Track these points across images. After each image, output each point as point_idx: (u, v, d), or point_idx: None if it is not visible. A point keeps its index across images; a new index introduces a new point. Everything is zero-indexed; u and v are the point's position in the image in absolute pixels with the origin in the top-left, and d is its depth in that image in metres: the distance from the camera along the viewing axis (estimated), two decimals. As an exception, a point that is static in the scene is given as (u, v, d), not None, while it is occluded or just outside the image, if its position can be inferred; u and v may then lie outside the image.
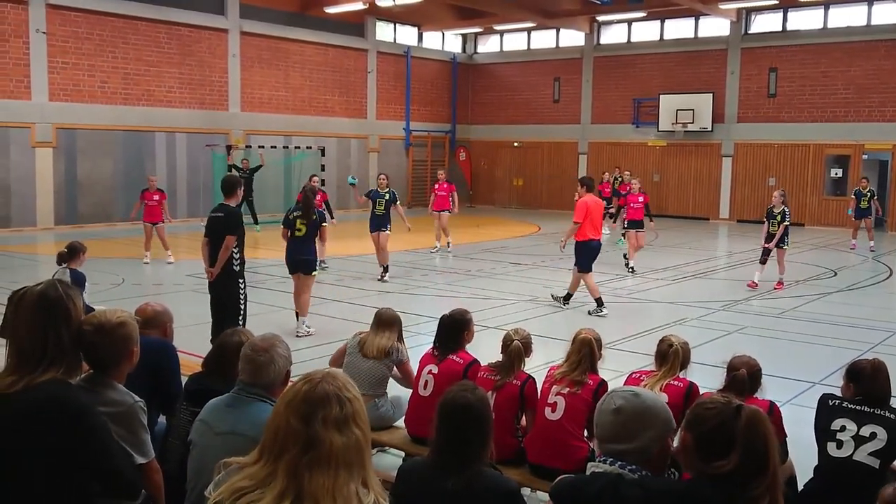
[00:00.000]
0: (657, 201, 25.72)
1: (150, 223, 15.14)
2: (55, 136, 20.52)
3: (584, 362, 4.69)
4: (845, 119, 23.93)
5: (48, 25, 20.14)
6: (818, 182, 24.66)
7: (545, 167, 30.08)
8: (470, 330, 5.43)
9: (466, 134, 31.92)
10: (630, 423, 2.51)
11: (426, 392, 5.16)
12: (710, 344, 9.22)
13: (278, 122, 25.22)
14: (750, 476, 2.35)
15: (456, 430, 3.03)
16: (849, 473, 3.95)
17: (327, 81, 26.88)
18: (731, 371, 4.34)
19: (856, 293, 13.25)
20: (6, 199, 19.82)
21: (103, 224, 21.21)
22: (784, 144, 25.06)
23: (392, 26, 29.21)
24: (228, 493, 1.92)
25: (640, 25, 27.67)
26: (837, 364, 4.47)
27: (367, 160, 28.21)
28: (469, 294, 12.30)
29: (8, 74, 19.66)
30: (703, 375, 4.93)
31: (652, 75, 27.44)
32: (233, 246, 7.96)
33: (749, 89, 25.69)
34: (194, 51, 23.17)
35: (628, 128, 27.94)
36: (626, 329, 10.06)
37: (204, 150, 23.01)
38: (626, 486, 2.44)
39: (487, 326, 9.29)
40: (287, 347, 3.37)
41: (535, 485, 4.67)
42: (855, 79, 23.77)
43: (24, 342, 2.82)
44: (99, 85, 21.26)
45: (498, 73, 31.46)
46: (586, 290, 11.30)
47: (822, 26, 24.53)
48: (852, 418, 4.03)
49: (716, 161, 26.26)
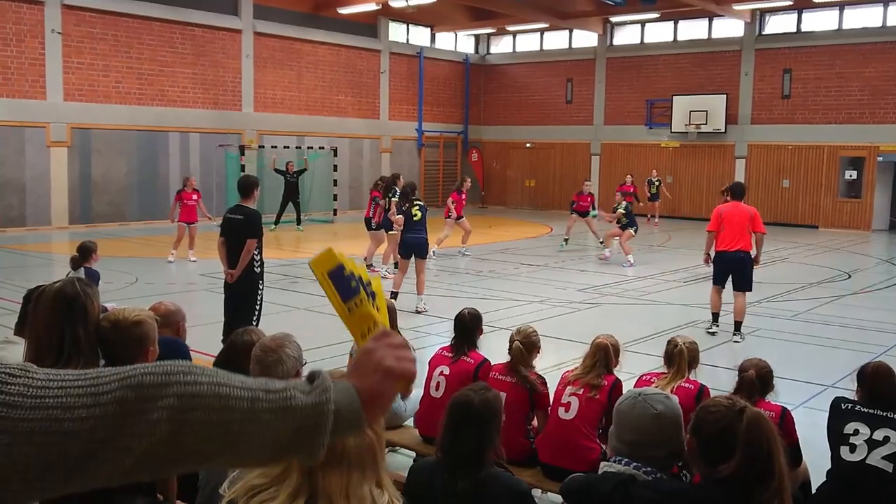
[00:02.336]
0: (670, 203, 25.66)
1: (187, 223, 15.07)
2: (70, 136, 20.66)
3: (598, 366, 4.67)
4: (860, 121, 23.78)
5: (63, 26, 20.28)
6: (832, 184, 24.51)
7: (558, 168, 30.03)
8: (481, 328, 5.46)
9: (479, 135, 31.90)
10: (670, 427, 2.51)
11: (438, 393, 5.16)
12: (723, 346, 9.19)
13: (291, 122, 25.28)
14: (755, 479, 2.34)
15: (457, 431, 3.04)
16: (862, 477, 3.93)
17: (340, 82, 26.94)
18: (741, 373, 4.34)
19: (870, 296, 13.17)
20: (21, 199, 19.96)
21: (117, 223, 21.34)
22: (798, 146, 24.92)
23: (405, 27, 29.23)
24: (243, 490, 1.93)
25: (654, 26, 27.59)
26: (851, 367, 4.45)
27: (379, 161, 28.24)
28: (481, 295, 12.30)
29: (24, 74, 19.81)
30: (715, 378, 4.91)
31: (665, 76, 27.36)
32: (254, 249, 7.94)
33: (763, 91, 25.57)
34: (208, 51, 23.27)
35: (641, 129, 27.86)
36: (638, 331, 10.03)
37: (217, 149, 23.10)
38: (637, 488, 2.44)
39: (500, 327, 9.29)
40: (298, 347, 3.37)
41: (545, 486, 4.67)
42: (870, 80, 23.62)
43: (41, 340, 2.85)
44: (113, 85, 21.39)
45: (511, 74, 31.43)
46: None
47: (836, 27, 24.39)
48: (865, 422, 4.01)
49: (729, 163, 26.14)
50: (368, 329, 1.39)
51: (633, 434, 2.57)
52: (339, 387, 1.21)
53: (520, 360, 4.90)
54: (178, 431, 1.06)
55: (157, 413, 1.04)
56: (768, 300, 12.36)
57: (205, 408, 1.07)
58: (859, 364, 4.32)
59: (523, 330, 5.06)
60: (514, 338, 4.98)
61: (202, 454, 1.10)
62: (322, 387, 1.17)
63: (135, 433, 1.03)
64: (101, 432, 1.02)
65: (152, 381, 1.07)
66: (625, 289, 13.27)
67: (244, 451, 1.12)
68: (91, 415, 1.01)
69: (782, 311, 11.56)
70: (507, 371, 4.93)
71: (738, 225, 9.53)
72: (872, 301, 12.69)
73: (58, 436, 0.99)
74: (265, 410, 1.12)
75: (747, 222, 9.54)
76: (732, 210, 9.68)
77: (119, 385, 1.05)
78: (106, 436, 1.02)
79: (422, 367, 5.61)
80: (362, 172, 27.51)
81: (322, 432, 1.16)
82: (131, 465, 1.04)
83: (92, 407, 1.01)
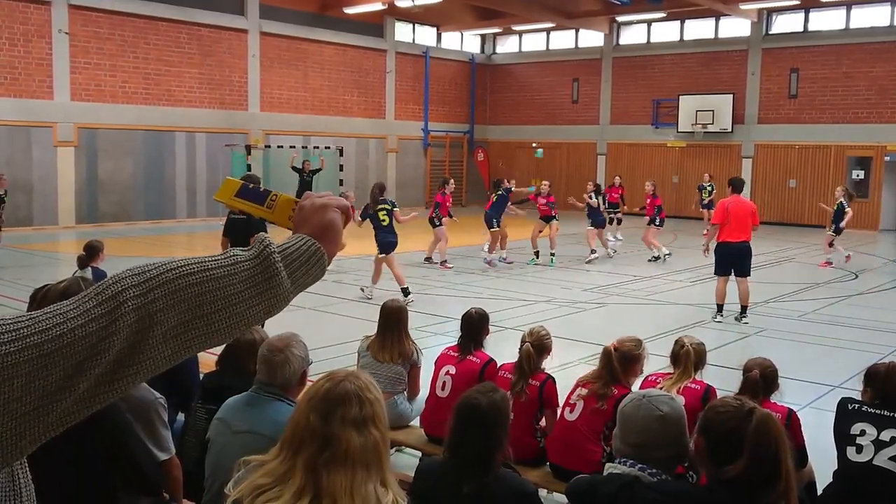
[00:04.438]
0: (676, 203, 25.60)
1: None
2: (77, 136, 20.72)
3: (604, 374, 4.58)
4: (867, 120, 23.70)
5: (70, 26, 20.34)
6: (840, 184, 24.37)
7: (563, 168, 29.98)
8: (487, 328, 5.44)
9: (484, 134, 31.89)
10: (675, 428, 2.51)
11: (444, 393, 5.15)
12: (730, 346, 9.16)
13: (297, 122, 25.31)
14: (762, 480, 2.33)
15: (464, 433, 3.03)
16: (868, 478, 3.91)
17: (346, 82, 26.96)
18: (745, 373, 4.32)
19: (877, 296, 13.12)
20: (28, 198, 20.02)
21: (123, 223, 21.40)
22: (805, 146, 24.85)
23: (411, 27, 29.24)
24: (248, 490, 1.93)
25: (660, 26, 27.54)
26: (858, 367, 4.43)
27: (385, 160, 28.26)
28: (487, 294, 12.30)
29: (31, 74, 19.88)
30: (721, 378, 4.89)
31: (671, 76, 27.31)
32: None
33: (770, 90, 25.50)
34: (214, 51, 23.32)
35: (647, 129, 27.81)
36: (644, 331, 10.00)
37: (223, 149, 23.14)
38: (641, 489, 2.43)
39: (506, 327, 9.29)
40: (304, 347, 3.37)
41: (552, 486, 4.66)
42: (877, 80, 23.53)
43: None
44: (120, 85, 21.45)
45: (516, 74, 31.41)
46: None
47: (844, 27, 24.31)
48: (872, 423, 3.98)
49: (736, 162, 26.06)
50: (293, 210, 1.48)
51: (638, 436, 2.56)
52: (287, 238, 1.32)
53: (526, 363, 4.84)
54: (147, 312, 1.11)
55: (122, 307, 1.10)
56: (775, 300, 12.32)
57: (163, 283, 1.13)
58: (866, 365, 4.30)
59: (535, 332, 5.01)
60: (525, 339, 4.94)
61: (174, 329, 1.14)
62: (259, 239, 1.27)
63: (110, 331, 1.08)
64: (81, 342, 1.06)
65: (107, 282, 1.13)
66: (630, 288, 13.24)
67: (210, 311, 1.18)
68: (63, 331, 1.05)
69: (789, 312, 11.53)
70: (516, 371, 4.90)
71: (742, 218, 10.31)
72: (879, 301, 12.64)
73: (41, 359, 1.02)
74: (216, 268, 1.19)
75: (749, 215, 10.37)
76: (736, 203, 10.42)
77: (79, 300, 1.10)
78: (85, 343, 1.06)
79: (428, 367, 5.61)
80: (368, 172, 27.53)
81: (274, 274, 1.23)
82: (117, 363, 1.09)
83: (62, 324, 1.05)
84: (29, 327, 1.03)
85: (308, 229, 1.35)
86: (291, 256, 1.27)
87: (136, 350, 1.10)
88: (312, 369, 3.47)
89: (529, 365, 4.84)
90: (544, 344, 4.95)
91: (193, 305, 1.15)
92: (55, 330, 1.04)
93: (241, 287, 1.20)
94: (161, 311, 1.12)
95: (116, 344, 1.08)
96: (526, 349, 4.84)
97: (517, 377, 4.84)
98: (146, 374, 1.15)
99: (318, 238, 1.33)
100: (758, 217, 10.65)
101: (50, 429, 1.06)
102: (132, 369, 1.11)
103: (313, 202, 1.40)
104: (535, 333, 4.99)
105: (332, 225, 1.37)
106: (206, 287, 1.16)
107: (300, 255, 1.28)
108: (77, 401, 1.07)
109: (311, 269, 1.31)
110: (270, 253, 1.24)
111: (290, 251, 1.28)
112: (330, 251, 1.34)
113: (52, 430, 1.06)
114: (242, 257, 1.22)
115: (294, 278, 1.27)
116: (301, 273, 1.28)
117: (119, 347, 1.08)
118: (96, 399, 1.09)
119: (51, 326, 1.04)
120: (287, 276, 1.26)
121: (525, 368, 4.83)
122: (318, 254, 1.31)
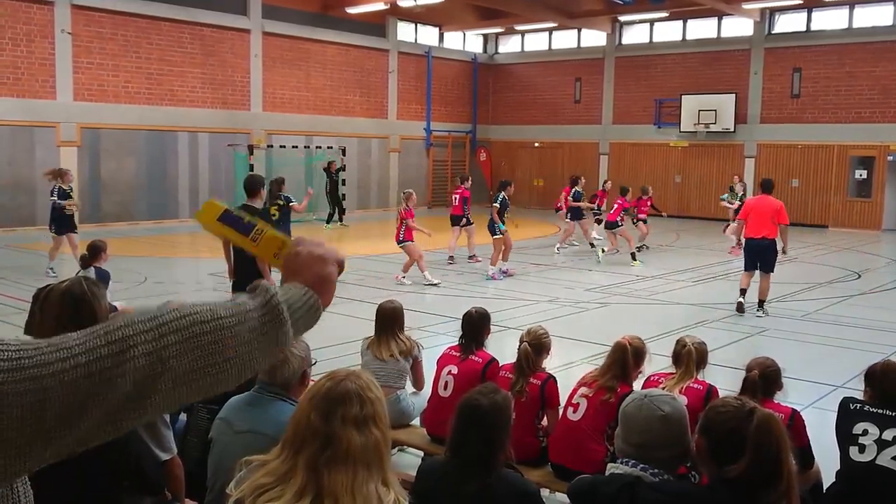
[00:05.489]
0: (679, 202, 25.58)
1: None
2: (80, 136, 20.74)
3: (614, 367, 4.60)
4: (870, 120, 23.66)
5: (73, 26, 20.36)
6: (842, 184, 24.39)
7: (566, 168, 29.94)
8: (488, 328, 5.45)
9: (487, 134, 31.89)
10: (677, 428, 2.50)
11: (446, 392, 5.16)
12: (732, 346, 9.16)
13: (300, 122, 25.32)
14: (763, 480, 2.33)
15: (465, 433, 3.04)
16: (871, 478, 3.91)
17: (348, 81, 26.96)
18: (747, 372, 4.32)
19: (880, 296, 13.10)
20: (31, 198, 20.03)
21: (126, 223, 21.42)
22: (808, 145, 24.82)
23: (413, 26, 29.23)
24: (250, 490, 1.93)
25: (662, 25, 27.51)
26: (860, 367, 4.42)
27: (387, 160, 28.27)
28: (490, 294, 12.30)
29: (34, 74, 19.90)
30: (724, 378, 4.89)
31: (674, 76, 27.28)
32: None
33: (772, 90, 25.47)
34: (217, 51, 23.33)
35: (650, 128, 27.79)
36: (646, 330, 9.99)
37: (226, 149, 23.15)
38: (643, 489, 2.43)
39: (508, 327, 9.29)
40: (305, 347, 3.37)
41: (554, 486, 4.66)
42: (880, 79, 23.49)
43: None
44: (123, 85, 21.47)
45: (519, 74, 31.40)
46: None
47: (846, 26, 24.27)
48: (874, 422, 3.98)
49: (738, 162, 26.04)
50: (279, 248, 1.49)
51: (640, 436, 2.55)
52: (284, 288, 1.34)
53: (525, 362, 4.84)
54: (159, 357, 1.11)
55: (132, 351, 1.09)
56: (778, 300, 12.31)
57: (176, 330, 1.14)
58: (868, 364, 4.30)
59: (533, 331, 5.01)
60: (523, 339, 4.94)
61: (185, 376, 1.15)
62: (263, 288, 1.29)
63: (116, 373, 1.07)
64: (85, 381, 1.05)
65: (117, 324, 1.12)
66: (633, 288, 13.24)
67: (221, 360, 1.19)
68: (66, 367, 1.04)
69: (792, 311, 11.52)
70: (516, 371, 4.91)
71: (763, 215, 10.97)
72: (882, 301, 12.62)
73: (40, 392, 1.01)
74: (227, 317, 1.20)
75: (773, 213, 11.02)
76: (759, 202, 11.26)
77: (86, 336, 1.09)
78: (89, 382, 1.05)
79: (430, 366, 5.62)
80: (370, 172, 27.55)
81: (282, 321, 1.26)
82: (121, 404, 1.08)
83: (66, 360, 1.05)
84: (32, 358, 1.03)
85: (304, 279, 1.38)
86: (293, 307, 1.31)
87: (144, 393, 1.10)
88: (315, 369, 3.47)
89: (528, 364, 4.84)
90: (542, 343, 4.96)
91: (206, 353, 1.17)
92: (58, 365, 1.04)
93: (250, 336, 1.22)
94: (173, 356, 1.13)
95: (123, 386, 1.08)
96: (524, 348, 4.85)
97: (516, 377, 4.84)
98: (152, 415, 1.16)
99: (315, 289, 1.37)
100: (785, 215, 11.22)
101: (46, 461, 1.05)
102: (138, 411, 1.11)
103: (311, 252, 1.42)
104: (533, 333, 4.99)
105: (329, 278, 1.41)
106: (218, 335, 1.18)
107: (301, 306, 1.33)
108: (77, 437, 1.06)
109: (310, 320, 1.35)
110: (277, 304, 1.27)
111: (292, 302, 1.31)
112: (324, 302, 1.39)
113: (48, 461, 1.06)
114: (251, 306, 1.25)
115: (296, 328, 1.31)
116: (301, 323, 1.33)
117: (126, 389, 1.08)
118: (97, 435, 1.09)
119: (54, 361, 1.04)
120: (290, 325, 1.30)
121: (524, 368, 4.84)
122: (316, 305, 1.36)
